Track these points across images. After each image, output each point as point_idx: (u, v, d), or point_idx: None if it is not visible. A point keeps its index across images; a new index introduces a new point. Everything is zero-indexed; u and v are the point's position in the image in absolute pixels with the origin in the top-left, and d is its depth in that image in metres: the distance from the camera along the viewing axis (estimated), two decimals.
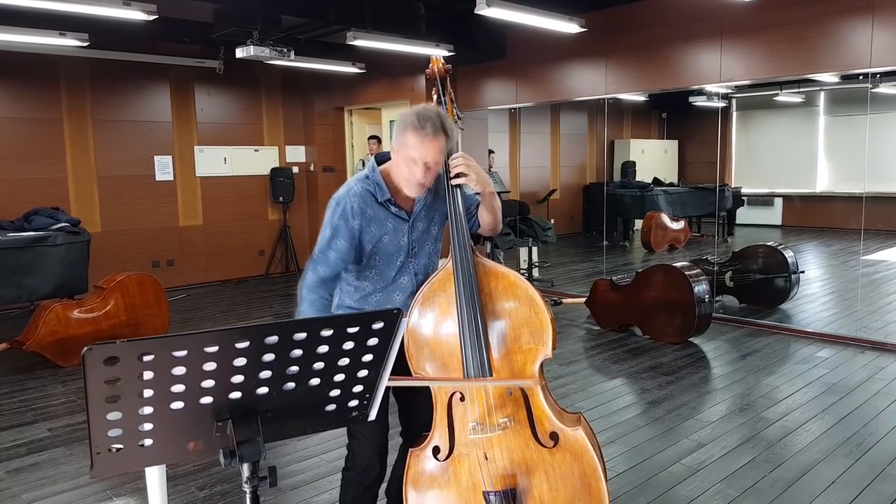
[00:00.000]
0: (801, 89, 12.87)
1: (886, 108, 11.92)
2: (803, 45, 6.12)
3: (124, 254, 8.41)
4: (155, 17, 5.60)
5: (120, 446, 1.21)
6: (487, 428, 2.35)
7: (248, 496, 1.33)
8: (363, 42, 6.81)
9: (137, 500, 3.46)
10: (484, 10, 5.68)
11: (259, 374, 1.24)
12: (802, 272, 7.33)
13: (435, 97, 2.68)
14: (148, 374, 1.13)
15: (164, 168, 8.90)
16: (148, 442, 1.24)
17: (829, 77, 9.98)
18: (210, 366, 1.17)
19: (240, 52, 5.95)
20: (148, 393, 1.16)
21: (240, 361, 1.20)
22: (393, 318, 1.31)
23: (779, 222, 13.46)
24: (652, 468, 3.66)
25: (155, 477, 2.58)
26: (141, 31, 6.69)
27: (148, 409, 1.18)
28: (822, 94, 13.11)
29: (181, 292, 8.79)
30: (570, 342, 6.22)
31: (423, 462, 2.46)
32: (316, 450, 4.04)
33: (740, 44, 6.54)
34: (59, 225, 6.44)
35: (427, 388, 2.43)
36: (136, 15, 5.52)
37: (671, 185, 13.17)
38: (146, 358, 1.10)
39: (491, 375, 2.34)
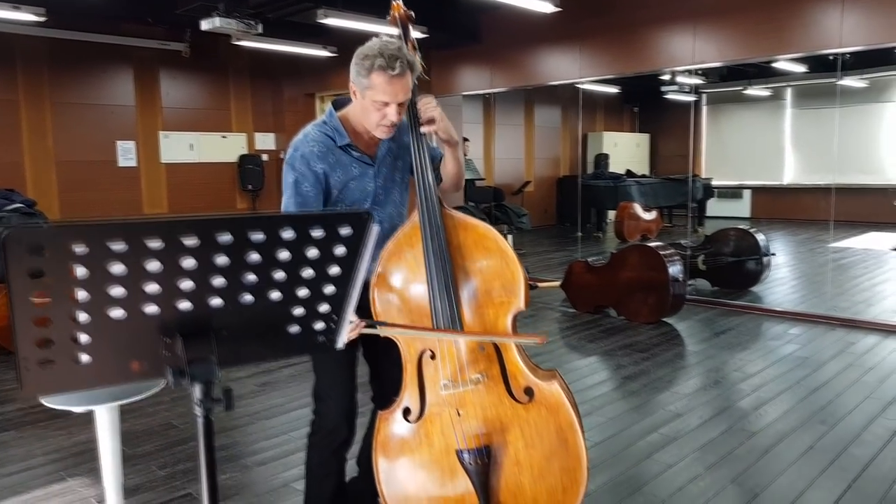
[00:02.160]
0: (769, 83, 13.00)
1: (852, 102, 12.06)
2: (774, 26, 6.11)
3: None
4: None
5: (52, 359, 1.08)
6: (459, 384, 2.24)
7: (200, 421, 1.20)
8: (334, 21, 6.66)
9: (92, 479, 3.30)
10: None
11: (211, 281, 1.12)
12: (773, 255, 7.34)
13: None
14: (81, 271, 1.00)
15: (126, 153, 8.66)
16: (85, 358, 1.11)
17: (797, 67, 10.09)
18: (154, 265, 1.04)
19: (205, 25, 5.77)
20: (82, 295, 1.03)
21: (188, 263, 1.07)
22: (362, 221, 1.19)
23: (748, 214, 13.57)
24: (630, 438, 3.59)
25: (108, 453, 2.43)
26: (101, 7, 6.49)
27: (83, 316, 1.06)
28: (790, 89, 13.24)
29: None
30: (545, 324, 6.14)
31: (393, 425, 2.34)
32: (285, 427, 3.91)
33: (713, 26, 6.51)
34: (13, 206, 6.19)
35: (397, 350, 2.32)
36: None
37: (644, 176, 13.21)
38: (78, 249, 0.97)
39: (461, 330, 2.24)
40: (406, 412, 2.32)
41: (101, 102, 8.41)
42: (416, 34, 2.54)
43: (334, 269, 1.24)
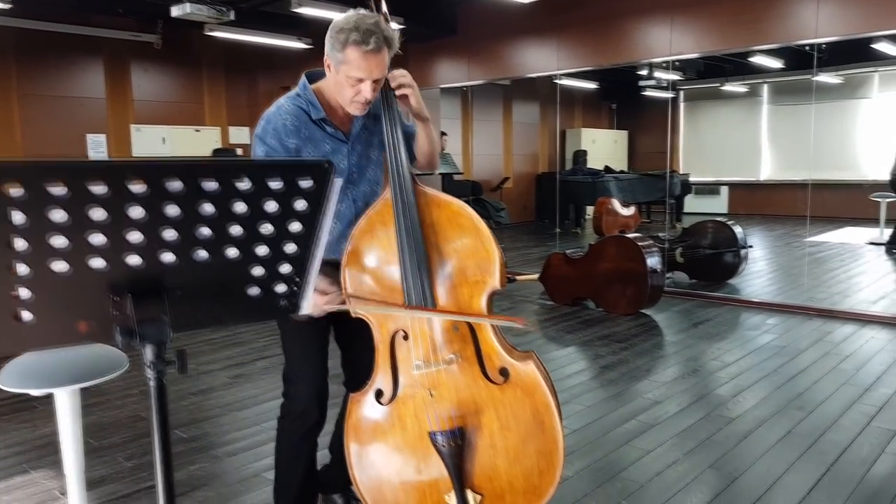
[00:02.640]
0: (745, 80, 13.08)
1: (827, 98, 12.16)
2: (751, 16, 6.11)
3: None
4: None
5: None
6: (432, 364, 2.18)
7: (151, 383, 1.13)
8: (308, 10, 6.57)
9: (56, 471, 3.20)
10: None
11: (162, 234, 1.05)
12: (751, 247, 7.36)
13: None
14: (18, 217, 0.92)
15: (97, 147, 8.49)
16: (27, 315, 1.04)
17: (773, 63, 10.13)
18: (98, 213, 0.97)
19: (175, 11, 5.66)
20: (20, 244, 0.95)
21: (136, 212, 1.00)
22: (323, 172, 1.13)
23: (725, 210, 13.64)
24: (608, 424, 3.54)
25: (69, 439, 2.34)
26: None
27: (23, 268, 0.98)
28: (766, 85, 13.33)
29: None
30: (523, 316, 6.08)
31: (365, 407, 2.27)
32: (257, 419, 3.83)
33: (690, 17, 6.51)
34: None
35: (369, 332, 2.25)
36: None
37: (622, 172, 13.24)
38: (13, 192, 0.90)
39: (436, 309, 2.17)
40: (378, 394, 2.25)
41: (70, 94, 8.24)
42: (393, 25, 2.46)
43: (295, 226, 1.17)
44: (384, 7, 2.38)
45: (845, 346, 4.86)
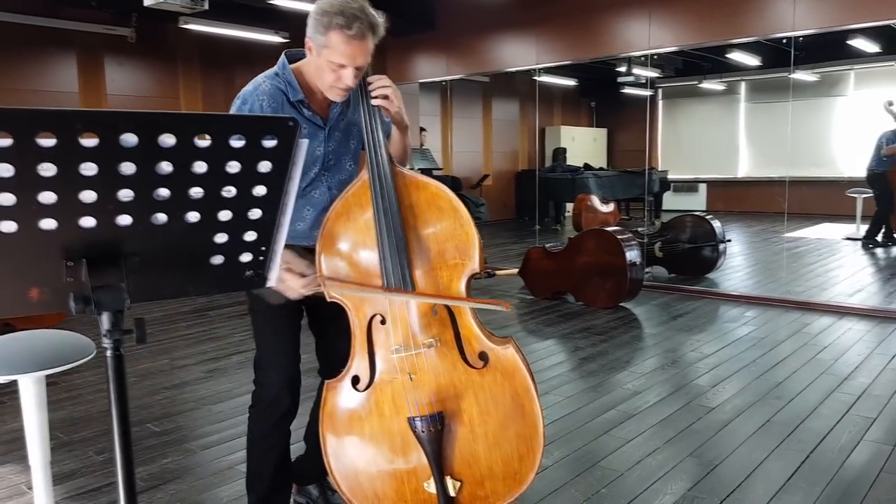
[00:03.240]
0: (723, 78, 13.16)
1: (804, 96, 12.25)
2: (729, 10, 6.13)
3: None
4: None
5: None
6: (412, 348, 2.13)
7: (109, 354, 1.07)
8: (285, 3, 6.50)
9: (23, 466, 3.10)
10: None
11: (117, 193, 0.99)
12: (729, 241, 7.38)
13: None
14: None
15: None
16: None
17: (750, 60, 10.20)
18: (48, 169, 0.91)
19: (148, 1, 5.56)
20: None
21: (89, 169, 0.94)
22: (288, 131, 1.07)
23: (703, 207, 13.71)
24: (588, 414, 3.52)
25: (34, 427, 2.26)
26: None
27: None
28: (743, 83, 13.42)
29: None
30: (503, 311, 6.05)
31: (341, 394, 2.22)
32: (231, 412, 3.76)
33: (669, 10, 6.52)
34: None
35: (345, 318, 2.19)
36: None
37: (601, 169, 13.27)
38: None
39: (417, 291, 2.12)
40: (355, 381, 2.20)
41: (42, 89, 8.07)
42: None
43: (259, 189, 1.12)
44: None
45: (823, 337, 4.87)
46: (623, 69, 11.31)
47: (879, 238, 8.89)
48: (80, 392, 4.02)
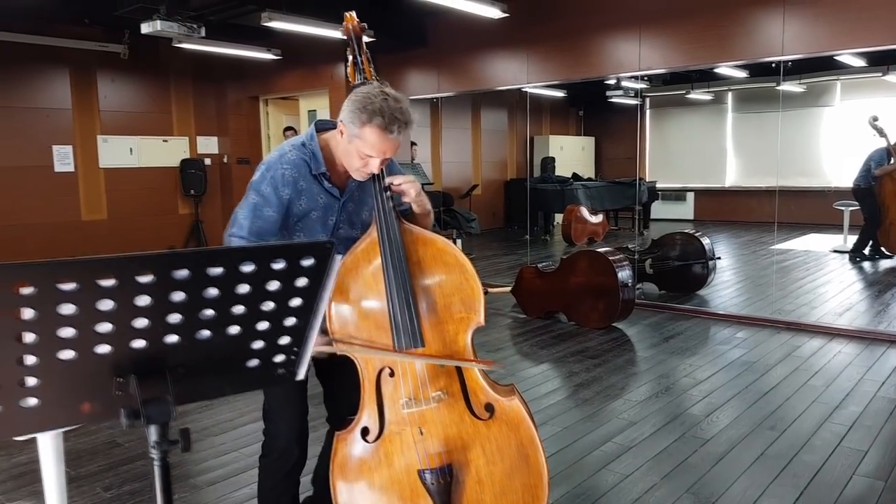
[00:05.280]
0: (710, 88, 13.29)
1: (791, 106, 12.38)
2: (719, 33, 6.23)
3: (20, 250, 7.82)
4: None
5: None
6: (422, 402, 2.20)
7: (156, 464, 1.13)
8: (279, 24, 6.55)
9: (33, 502, 3.15)
10: None
11: (167, 319, 1.05)
12: (719, 258, 7.48)
13: (350, 58, 2.47)
14: (28, 313, 0.93)
15: (63, 158, 8.36)
16: (32, 402, 1.03)
17: (737, 73, 10.32)
18: (107, 305, 0.98)
19: (145, 28, 5.59)
20: (29, 337, 0.96)
21: (143, 300, 1.01)
22: (325, 252, 1.14)
23: (691, 216, 13.84)
24: (585, 447, 3.59)
25: (52, 481, 2.30)
26: (37, 8, 6.24)
27: (31, 359, 0.98)
28: (731, 93, 13.55)
29: None
30: (496, 330, 6.13)
31: (351, 445, 2.28)
32: (235, 444, 3.81)
33: (658, 33, 6.61)
34: None
35: (353, 369, 2.25)
36: None
37: (590, 179, 13.37)
38: (24, 291, 0.90)
39: (423, 347, 2.19)
40: (364, 432, 2.26)
41: (35, 105, 8.09)
42: (365, 38, 2.48)
43: (296, 301, 1.19)
44: (366, 52, 2.40)
45: (814, 360, 4.97)
46: (612, 82, 11.42)
47: (867, 252, 9.03)
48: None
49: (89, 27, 7.93)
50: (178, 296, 1.04)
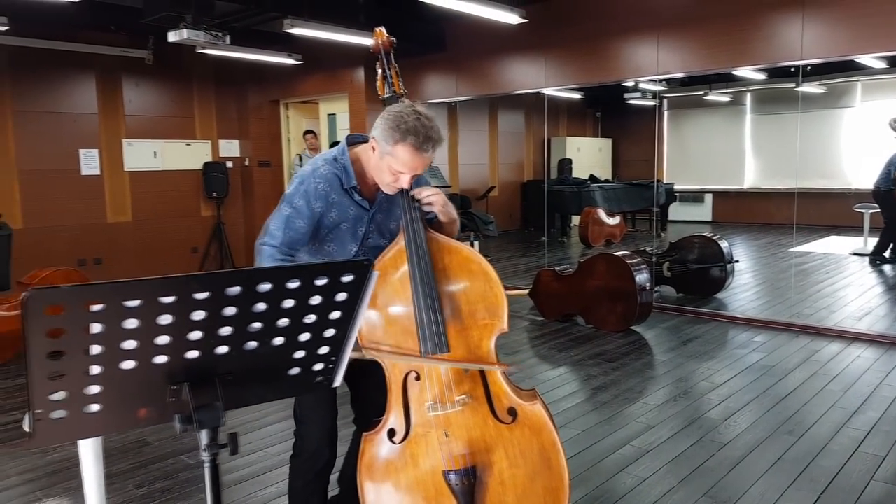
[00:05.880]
0: (729, 89, 13.26)
1: (811, 107, 12.34)
2: (737, 38, 6.25)
3: (48, 252, 7.98)
4: None
5: (63, 413, 1.09)
6: (447, 405, 2.28)
7: (206, 465, 1.22)
8: (300, 31, 6.65)
9: (69, 500, 3.27)
10: None
11: (219, 331, 1.14)
12: (737, 262, 7.50)
13: (380, 71, 2.56)
14: (96, 328, 1.01)
15: (90, 162, 8.52)
16: (95, 407, 1.12)
17: (755, 75, 10.30)
18: (166, 319, 1.06)
19: (172, 37, 5.71)
20: (96, 349, 1.04)
21: (198, 315, 1.09)
22: (363, 269, 1.22)
23: (709, 218, 13.83)
24: (603, 450, 3.65)
25: (92, 480, 2.40)
26: (66, 16, 6.38)
27: (96, 369, 1.07)
28: (749, 94, 13.51)
29: None
30: (514, 333, 6.20)
31: (378, 446, 2.36)
32: (261, 444, 3.90)
33: (676, 37, 6.64)
34: None
35: (379, 373, 2.33)
36: None
37: (607, 181, 13.38)
38: (94, 308, 0.99)
39: (448, 352, 2.26)
40: (391, 433, 2.34)
41: (63, 110, 8.26)
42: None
43: (335, 314, 1.27)
44: (395, 66, 2.49)
45: (832, 365, 4.99)
46: (630, 84, 11.43)
47: (887, 254, 9.00)
48: None
49: (115, 34, 8.08)
50: (230, 310, 1.12)
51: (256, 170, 10.08)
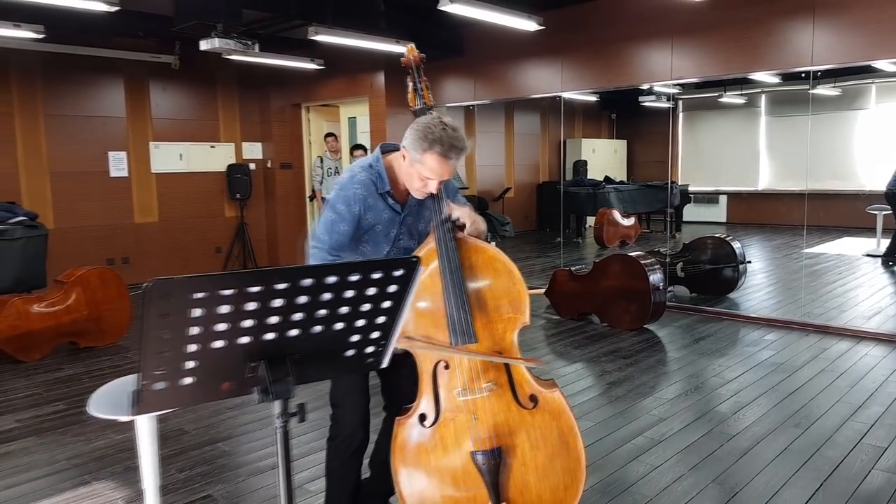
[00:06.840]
0: (743, 91, 13.36)
1: (825, 109, 12.42)
2: (749, 44, 6.42)
3: (78, 251, 8.27)
4: (116, 8, 5.57)
5: (164, 384, 1.30)
6: (475, 391, 2.48)
7: (278, 431, 1.44)
8: (325, 37, 6.88)
9: (116, 482, 3.49)
10: (447, 7, 5.80)
11: (292, 316, 1.35)
12: (749, 262, 7.65)
13: (411, 85, 2.79)
14: (196, 312, 1.22)
15: (118, 164, 8.80)
16: (188, 380, 1.33)
17: (770, 78, 10.42)
18: (251, 306, 1.27)
19: (204, 45, 5.95)
20: (194, 331, 1.25)
21: (277, 302, 1.30)
22: (412, 265, 1.43)
23: (724, 219, 13.92)
24: (617, 441, 3.84)
25: (148, 457, 2.61)
26: (100, 24, 6.64)
27: (192, 347, 1.28)
28: (763, 96, 13.59)
29: (139, 290, 8.69)
30: (531, 331, 6.39)
31: (410, 430, 2.57)
32: (291, 432, 4.10)
33: (690, 43, 6.82)
34: (17, 219, 6.34)
35: (408, 364, 2.54)
36: (97, 6, 5.50)
37: (622, 182, 13.53)
38: (197, 295, 1.20)
39: (476, 343, 2.46)
40: (422, 418, 2.55)
41: (92, 114, 8.55)
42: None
43: (387, 304, 1.47)
44: (424, 80, 2.70)
45: (840, 362, 5.16)
46: (645, 86, 11.56)
47: None
48: None
49: (143, 39, 8.35)
50: (303, 299, 1.33)
51: (278, 171, 10.34)
